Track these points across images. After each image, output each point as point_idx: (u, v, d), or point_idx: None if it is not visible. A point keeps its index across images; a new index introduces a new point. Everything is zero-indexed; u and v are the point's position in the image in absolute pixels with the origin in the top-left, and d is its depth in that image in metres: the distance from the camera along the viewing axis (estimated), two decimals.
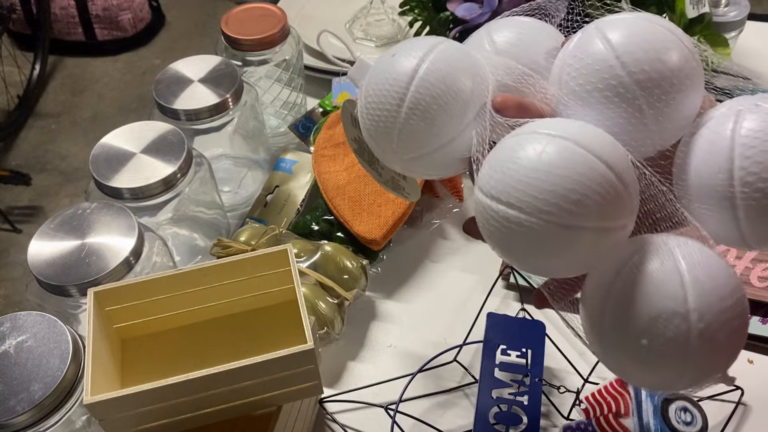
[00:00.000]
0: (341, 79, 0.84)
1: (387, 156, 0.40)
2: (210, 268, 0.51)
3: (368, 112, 0.39)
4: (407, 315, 0.69)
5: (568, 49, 0.38)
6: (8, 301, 1.69)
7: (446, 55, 0.38)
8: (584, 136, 0.34)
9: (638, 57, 0.35)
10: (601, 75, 0.35)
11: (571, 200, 0.32)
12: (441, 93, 0.37)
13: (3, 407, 0.44)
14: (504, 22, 0.43)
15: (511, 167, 0.34)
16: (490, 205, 0.34)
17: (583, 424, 0.56)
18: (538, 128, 0.35)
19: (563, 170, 0.32)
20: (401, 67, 0.38)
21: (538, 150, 0.33)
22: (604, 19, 0.38)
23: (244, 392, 0.47)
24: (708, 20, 0.83)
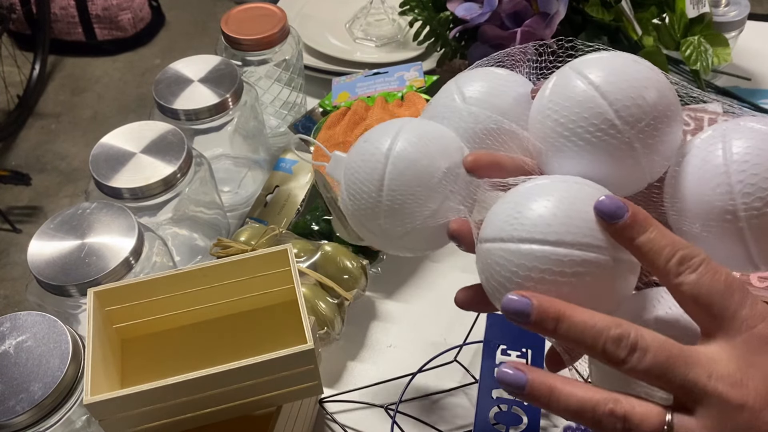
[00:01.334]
0: (341, 79, 0.84)
1: (377, 239, 0.41)
2: (210, 268, 0.51)
3: (352, 201, 0.40)
4: (407, 315, 0.69)
5: (545, 94, 0.38)
6: (8, 301, 1.69)
7: (414, 131, 0.39)
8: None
9: (623, 94, 0.35)
10: (587, 116, 0.35)
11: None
12: (416, 167, 0.38)
13: (3, 407, 0.44)
14: (472, 75, 0.44)
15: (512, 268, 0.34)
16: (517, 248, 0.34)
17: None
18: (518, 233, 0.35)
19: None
20: (374, 152, 0.40)
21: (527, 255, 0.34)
22: (579, 61, 0.38)
23: (244, 392, 0.47)
24: (708, 20, 0.83)
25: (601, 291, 0.34)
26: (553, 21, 0.75)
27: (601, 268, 0.33)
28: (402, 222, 0.39)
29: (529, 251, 0.33)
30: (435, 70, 0.89)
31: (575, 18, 0.79)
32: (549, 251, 0.33)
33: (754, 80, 0.91)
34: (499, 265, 0.34)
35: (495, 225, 0.35)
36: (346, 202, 0.41)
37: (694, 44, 0.81)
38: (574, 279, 0.33)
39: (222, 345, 0.54)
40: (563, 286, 0.33)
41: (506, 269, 0.34)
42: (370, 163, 0.39)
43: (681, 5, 0.81)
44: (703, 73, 0.81)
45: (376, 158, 0.39)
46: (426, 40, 0.87)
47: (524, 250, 0.33)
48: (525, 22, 0.75)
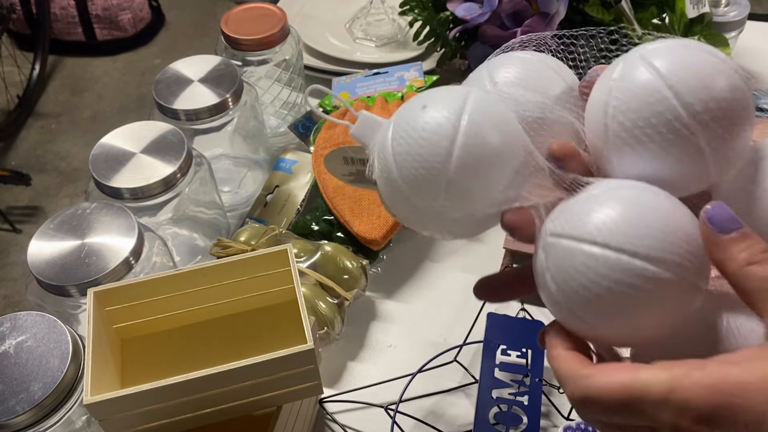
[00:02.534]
0: (341, 79, 0.84)
1: (424, 218, 0.37)
2: (210, 268, 0.51)
3: (402, 175, 0.35)
4: (407, 315, 0.69)
5: (608, 86, 0.34)
6: (8, 301, 1.69)
7: (483, 106, 0.35)
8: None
9: (699, 93, 0.32)
10: (656, 113, 0.32)
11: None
12: (493, 146, 0.34)
13: (3, 407, 0.44)
14: (504, 59, 0.40)
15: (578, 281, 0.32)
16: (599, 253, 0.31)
17: (583, 425, 0.56)
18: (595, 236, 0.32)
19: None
20: (440, 122, 0.34)
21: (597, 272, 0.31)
22: (648, 48, 0.34)
23: (244, 392, 0.47)
24: (708, 20, 0.83)
25: (670, 313, 0.31)
26: (553, 21, 0.75)
27: (680, 290, 0.31)
28: (463, 205, 0.35)
29: (616, 260, 0.31)
30: (435, 70, 0.89)
31: (575, 18, 0.79)
32: (638, 265, 0.30)
33: (754, 80, 0.91)
34: (581, 267, 0.31)
35: (574, 222, 0.32)
36: (392, 174, 0.35)
37: None
38: (653, 297, 0.31)
39: (222, 345, 0.54)
40: (640, 302, 0.31)
41: (585, 276, 0.31)
42: (434, 135, 0.34)
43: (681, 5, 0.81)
44: None
45: (444, 129, 0.34)
46: (426, 40, 0.87)
47: (610, 257, 0.31)
48: (525, 22, 0.75)
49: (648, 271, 0.30)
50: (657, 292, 0.30)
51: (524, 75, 0.38)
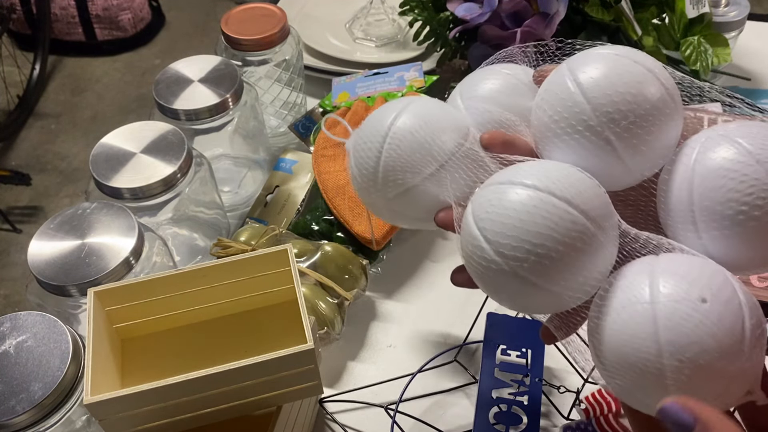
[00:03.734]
0: (341, 79, 0.84)
1: (373, 198, 0.41)
2: (210, 268, 0.51)
3: (357, 169, 0.41)
4: (407, 315, 0.69)
5: (542, 87, 0.38)
6: (8, 301, 1.69)
7: (423, 104, 0.40)
8: (561, 183, 0.34)
9: (604, 90, 0.35)
10: (572, 111, 0.36)
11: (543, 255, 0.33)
12: (418, 128, 0.39)
13: (3, 407, 0.44)
14: (474, 77, 0.44)
15: (496, 211, 0.34)
16: (478, 239, 0.35)
17: (583, 424, 0.56)
18: (514, 177, 0.35)
19: (535, 224, 0.33)
20: (381, 119, 0.40)
21: (514, 200, 0.34)
22: (575, 57, 0.38)
23: (244, 392, 0.47)
24: (708, 20, 0.83)
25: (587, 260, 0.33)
26: (553, 21, 0.75)
27: (590, 237, 0.33)
28: (397, 178, 0.39)
29: (546, 199, 0.33)
30: (435, 70, 0.89)
31: (575, 18, 0.79)
32: (546, 198, 0.33)
33: (754, 80, 0.91)
34: (512, 204, 0.34)
35: (504, 174, 0.36)
36: (353, 171, 0.42)
37: (694, 44, 0.81)
38: (567, 240, 0.33)
39: (222, 345, 0.54)
40: (559, 245, 0.33)
41: (516, 211, 0.34)
42: (376, 126, 0.40)
43: (681, 5, 0.81)
44: (702, 73, 0.81)
45: (378, 129, 0.40)
46: (426, 40, 0.87)
47: (541, 196, 0.33)
48: (525, 22, 0.75)
49: (573, 215, 0.33)
50: (583, 238, 0.33)
51: (491, 91, 0.42)
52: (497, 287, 0.36)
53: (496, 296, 0.37)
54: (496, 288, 0.36)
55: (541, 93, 0.38)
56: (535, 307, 0.36)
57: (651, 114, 0.35)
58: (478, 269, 0.36)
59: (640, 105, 0.35)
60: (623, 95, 0.35)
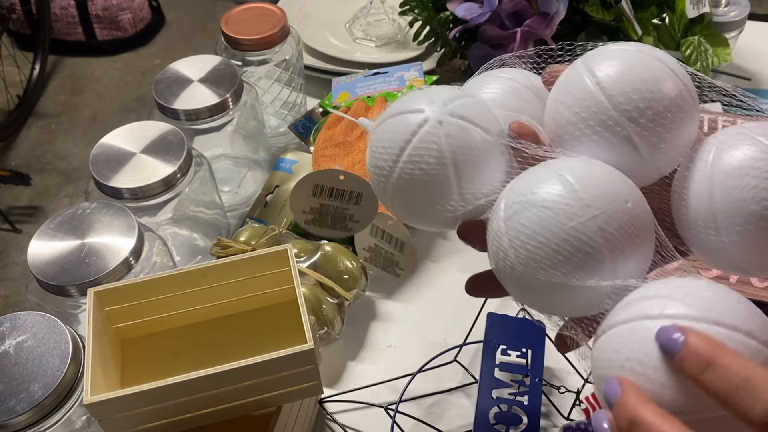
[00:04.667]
0: (341, 79, 0.84)
1: (386, 201, 0.41)
2: (210, 268, 0.51)
3: (372, 162, 0.40)
4: (407, 315, 0.69)
5: (557, 86, 0.38)
6: (8, 301, 1.69)
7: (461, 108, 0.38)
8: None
9: (625, 89, 0.35)
10: (590, 109, 0.35)
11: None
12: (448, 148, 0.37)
13: (3, 407, 0.44)
14: (480, 81, 0.43)
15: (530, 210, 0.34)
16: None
17: (583, 424, 0.56)
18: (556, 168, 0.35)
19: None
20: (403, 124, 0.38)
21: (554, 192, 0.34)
22: (591, 53, 0.37)
23: (244, 392, 0.47)
24: (708, 20, 0.83)
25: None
26: (553, 21, 0.75)
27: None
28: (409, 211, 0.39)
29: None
30: (435, 70, 0.89)
31: (575, 18, 0.79)
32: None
33: (754, 80, 0.91)
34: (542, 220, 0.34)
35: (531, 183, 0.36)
36: (368, 164, 0.41)
37: (694, 44, 0.81)
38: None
39: (222, 345, 0.54)
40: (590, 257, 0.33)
41: (544, 228, 0.34)
42: (384, 154, 0.39)
43: (681, 5, 0.81)
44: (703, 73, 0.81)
45: (393, 150, 0.38)
46: (426, 40, 0.87)
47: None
48: (525, 22, 0.75)
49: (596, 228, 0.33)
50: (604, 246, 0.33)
51: (496, 96, 0.42)
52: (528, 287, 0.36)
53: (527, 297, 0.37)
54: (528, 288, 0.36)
55: (557, 92, 0.38)
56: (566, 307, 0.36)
57: (670, 110, 0.35)
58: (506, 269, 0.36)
59: (660, 101, 0.35)
60: (642, 92, 0.34)
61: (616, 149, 0.35)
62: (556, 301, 0.35)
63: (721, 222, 0.34)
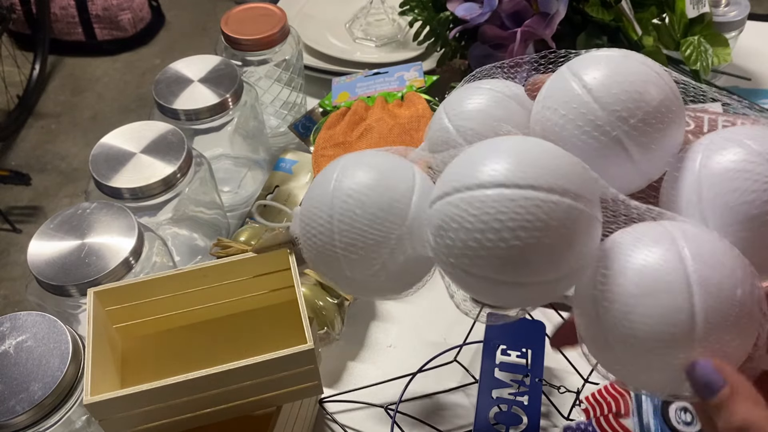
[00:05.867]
0: (341, 79, 0.84)
1: (346, 287, 0.40)
2: (210, 268, 0.51)
3: (309, 252, 0.39)
4: (407, 315, 0.69)
5: (543, 91, 0.37)
6: (8, 301, 1.69)
7: (356, 164, 0.37)
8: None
9: (613, 91, 0.34)
10: (578, 111, 0.35)
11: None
12: (366, 200, 0.36)
13: (3, 407, 0.44)
14: (460, 94, 0.43)
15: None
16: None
17: (583, 424, 0.56)
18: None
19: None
20: (320, 193, 0.37)
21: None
22: (576, 59, 0.37)
23: (244, 392, 0.47)
24: (708, 20, 0.83)
25: (574, 241, 0.32)
26: (553, 21, 0.75)
27: (579, 216, 0.31)
28: (362, 266, 0.37)
29: (498, 195, 0.31)
30: (435, 70, 0.89)
31: (575, 18, 0.79)
32: (523, 194, 0.31)
33: (754, 80, 0.91)
34: (459, 218, 0.32)
35: (451, 177, 0.33)
36: (305, 253, 0.39)
37: (694, 44, 0.81)
38: (547, 226, 0.31)
39: (222, 345, 0.54)
40: (534, 233, 0.31)
41: (467, 221, 0.31)
42: (317, 206, 0.37)
43: (681, 5, 0.81)
44: (703, 73, 0.81)
45: (322, 199, 0.37)
46: (426, 40, 0.87)
47: (491, 195, 0.31)
48: (525, 22, 0.75)
49: (561, 203, 0.31)
50: (570, 222, 0.31)
51: (479, 107, 0.41)
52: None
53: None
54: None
55: (543, 98, 0.37)
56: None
57: (659, 111, 0.35)
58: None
59: (649, 102, 0.34)
60: (631, 93, 0.34)
61: (606, 152, 0.35)
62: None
63: (710, 225, 0.34)
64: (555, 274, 0.32)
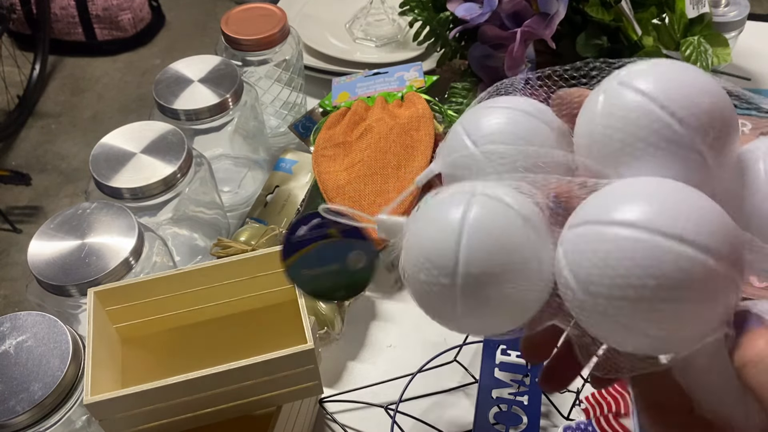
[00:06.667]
0: (341, 79, 0.84)
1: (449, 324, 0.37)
2: (210, 268, 0.51)
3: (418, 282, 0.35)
4: (407, 315, 0.69)
5: (596, 113, 0.33)
6: (8, 301, 1.69)
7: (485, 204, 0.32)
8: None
9: (683, 101, 0.31)
10: (651, 128, 0.31)
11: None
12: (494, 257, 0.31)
13: (3, 407, 0.44)
14: (478, 112, 0.38)
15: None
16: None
17: (583, 424, 0.56)
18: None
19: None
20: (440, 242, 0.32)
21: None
22: (624, 72, 0.34)
23: (244, 392, 0.47)
24: (708, 20, 0.83)
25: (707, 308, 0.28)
26: (553, 21, 0.75)
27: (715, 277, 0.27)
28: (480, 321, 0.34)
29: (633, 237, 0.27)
30: (435, 70, 0.89)
31: (575, 18, 0.79)
32: (687, 251, 0.27)
33: (754, 80, 0.91)
34: (614, 252, 0.28)
35: (599, 207, 0.30)
36: (411, 279, 0.35)
37: (694, 44, 0.81)
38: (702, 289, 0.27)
39: (222, 345, 0.54)
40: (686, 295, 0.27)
41: (619, 262, 0.27)
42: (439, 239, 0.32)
43: (681, 5, 0.81)
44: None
45: (446, 255, 0.32)
46: (426, 40, 0.87)
47: (626, 235, 0.27)
48: (525, 22, 0.75)
49: (698, 258, 0.26)
50: (706, 283, 0.27)
51: (503, 127, 0.36)
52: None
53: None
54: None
55: (599, 117, 0.33)
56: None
57: (732, 118, 0.32)
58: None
59: (722, 110, 0.32)
60: (701, 101, 0.32)
61: (685, 166, 0.32)
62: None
63: (753, 228, 0.32)
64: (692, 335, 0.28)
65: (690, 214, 0.27)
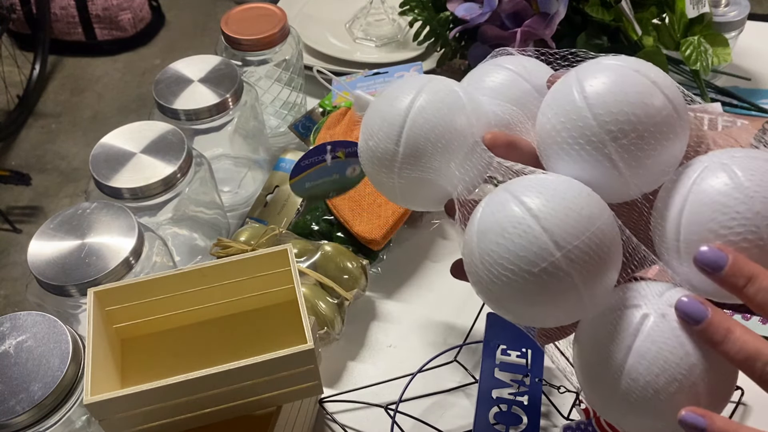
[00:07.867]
0: (341, 79, 0.84)
1: (383, 179, 0.42)
2: (210, 268, 0.51)
3: (369, 150, 0.41)
4: (407, 315, 0.69)
5: (549, 93, 0.38)
6: (8, 301, 1.69)
7: (436, 91, 0.40)
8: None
9: (609, 106, 0.35)
10: (575, 123, 0.35)
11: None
12: (435, 124, 0.38)
13: (3, 407, 0.44)
14: (485, 69, 0.44)
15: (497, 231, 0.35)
16: (480, 254, 0.35)
17: (583, 424, 0.56)
18: (514, 191, 0.35)
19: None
20: (396, 107, 0.40)
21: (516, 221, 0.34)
22: (585, 65, 0.37)
23: (244, 392, 0.47)
24: (708, 20, 0.83)
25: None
26: (553, 21, 0.75)
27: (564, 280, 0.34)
28: (414, 170, 0.40)
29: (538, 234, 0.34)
30: (435, 70, 0.89)
31: (575, 18, 0.79)
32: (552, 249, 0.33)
33: (754, 80, 0.91)
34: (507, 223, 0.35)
35: (517, 182, 0.36)
36: (363, 148, 0.42)
37: (694, 44, 0.81)
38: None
39: (222, 345, 0.54)
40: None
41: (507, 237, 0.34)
42: (389, 117, 0.40)
43: (681, 5, 0.81)
44: (702, 73, 0.81)
45: (396, 112, 0.39)
46: (426, 40, 0.87)
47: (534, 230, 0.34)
48: (525, 22, 0.75)
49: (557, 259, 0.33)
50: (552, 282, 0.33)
51: (503, 80, 0.42)
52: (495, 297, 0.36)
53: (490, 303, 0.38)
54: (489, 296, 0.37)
55: (548, 99, 0.38)
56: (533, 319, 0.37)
57: (655, 132, 0.35)
58: (475, 275, 0.37)
59: (644, 123, 0.34)
60: (627, 114, 0.34)
61: (595, 166, 0.36)
62: (526, 318, 0.37)
63: (683, 250, 0.35)
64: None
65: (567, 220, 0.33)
